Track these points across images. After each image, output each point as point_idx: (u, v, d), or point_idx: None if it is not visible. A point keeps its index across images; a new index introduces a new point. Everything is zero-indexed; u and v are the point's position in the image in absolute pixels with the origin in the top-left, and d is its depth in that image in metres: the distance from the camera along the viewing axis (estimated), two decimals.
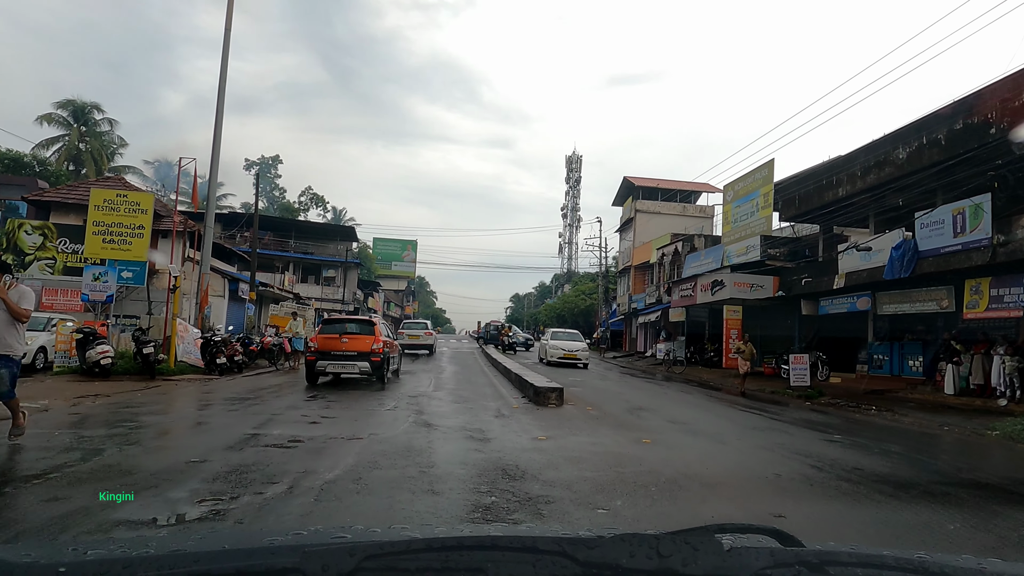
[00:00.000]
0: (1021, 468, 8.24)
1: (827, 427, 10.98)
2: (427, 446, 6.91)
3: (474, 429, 8.22)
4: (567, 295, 65.38)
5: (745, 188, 25.79)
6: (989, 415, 12.94)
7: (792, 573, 0.97)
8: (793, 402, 16.28)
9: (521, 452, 6.74)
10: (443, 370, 19.78)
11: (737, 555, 0.99)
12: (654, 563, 0.95)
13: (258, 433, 7.36)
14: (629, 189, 47.25)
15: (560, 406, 11.26)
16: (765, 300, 23.55)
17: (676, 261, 33.77)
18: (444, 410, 10.27)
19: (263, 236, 49.61)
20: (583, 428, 8.88)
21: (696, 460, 7.05)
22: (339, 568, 0.90)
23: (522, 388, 13.45)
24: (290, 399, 11.12)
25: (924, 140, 16.68)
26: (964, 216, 14.97)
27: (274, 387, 13.29)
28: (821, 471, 6.60)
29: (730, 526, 1.07)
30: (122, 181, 24.37)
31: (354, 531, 1.21)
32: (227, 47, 18.55)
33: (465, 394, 12.91)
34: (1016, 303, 13.42)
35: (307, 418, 8.73)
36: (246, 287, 25.48)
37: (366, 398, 11.46)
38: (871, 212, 20.08)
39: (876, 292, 18.11)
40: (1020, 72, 14.08)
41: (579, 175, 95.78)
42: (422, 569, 0.94)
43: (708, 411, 12.96)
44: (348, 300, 50.02)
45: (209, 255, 19.10)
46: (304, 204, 67.67)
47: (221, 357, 16.35)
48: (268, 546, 1.07)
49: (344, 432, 7.59)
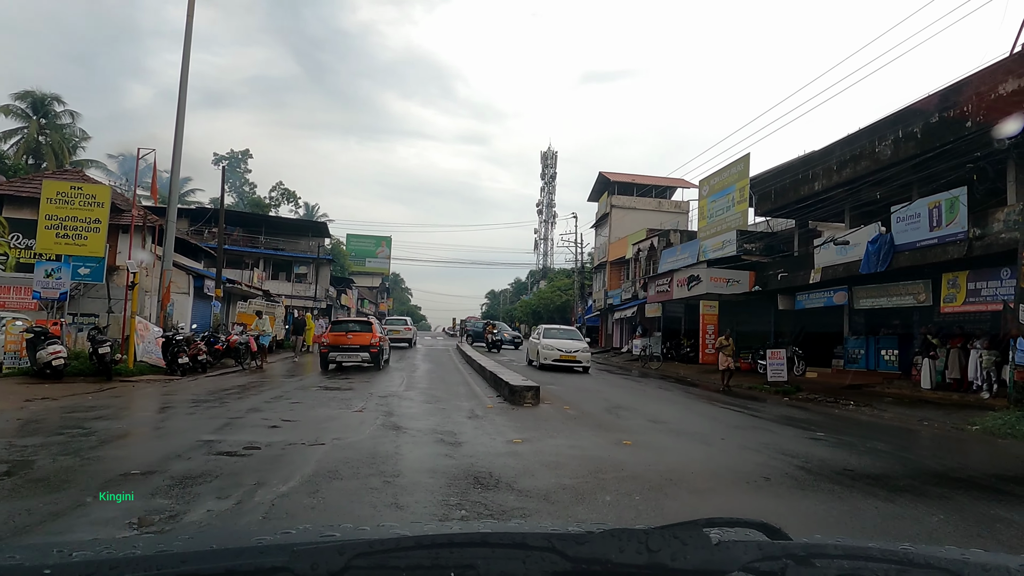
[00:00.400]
0: (1007, 465, 8.04)
1: (809, 424, 10.75)
2: (394, 452, 6.45)
3: (445, 432, 7.76)
4: (543, 291, 65.09)
5: (721, 183, 25.67)
6: (967, 409, 12.87)
7: (780, 566, 0.98)
8: (771, 398, 16.11)
9: (495, 457, 6.31)
10: (416, 368, 19.28)
11: (725, 548, 1.00)
12: (643, 558, 0.95)
13: (212, 439, 6.83)
14: (604, 184, 47.05)
15: (536, 405, 10.87)
16: (741, 295, 23.45)
17: (652, 256, 33.62)
18: (415, 411, 9.80)
19: (232, 232, 48.48)
20: (560, 429, 8.48)
21: (680, 464, 6.69)
22: (329, 567, 0.89)
23: (497, 387, 13.03)
24: (253, 401, 10.56)
25: (900, 134, 16.59)
26: (940, 210, 14.91)
27: (237, 388, 12.69)
28: (811, 473, 6.29)
29: (718, 520, 1.07)
30: (80, 174, 23.37)
31: (343, 529, 1.19)
32: (189, 37, 17.82)
33: (438, 393, 12.45)
34: (994, 297, 13.35)
35: (268, 422, 8.21)
36: (212, 284, 24.64)
37: (334, 400, 10.94)
38: (847, 206, 20.02)
39: (853, 286, 18.04)
40: (995, 65, 14.02)
41: (554, 171, 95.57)
42: (412, 567, 0.94)
43: (688, 409, 12.67)
44: (320, 297, 49.11)
45: (171, 250, 18.33)
46: (275, 200, 66.31)
47: (183, 357, 15.64)
48: (257, 545, 1.05)
49: (306, 437, 7.09)
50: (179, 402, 10.62)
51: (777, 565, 0.98)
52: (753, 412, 12.34)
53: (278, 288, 45.23)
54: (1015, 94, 13.40)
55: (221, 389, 12.43)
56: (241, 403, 10.24)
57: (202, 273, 25.92)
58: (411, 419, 8.84)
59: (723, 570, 0.96)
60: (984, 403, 13.38)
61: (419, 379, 15.59)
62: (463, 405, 10.69)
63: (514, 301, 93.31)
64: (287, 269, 49.73)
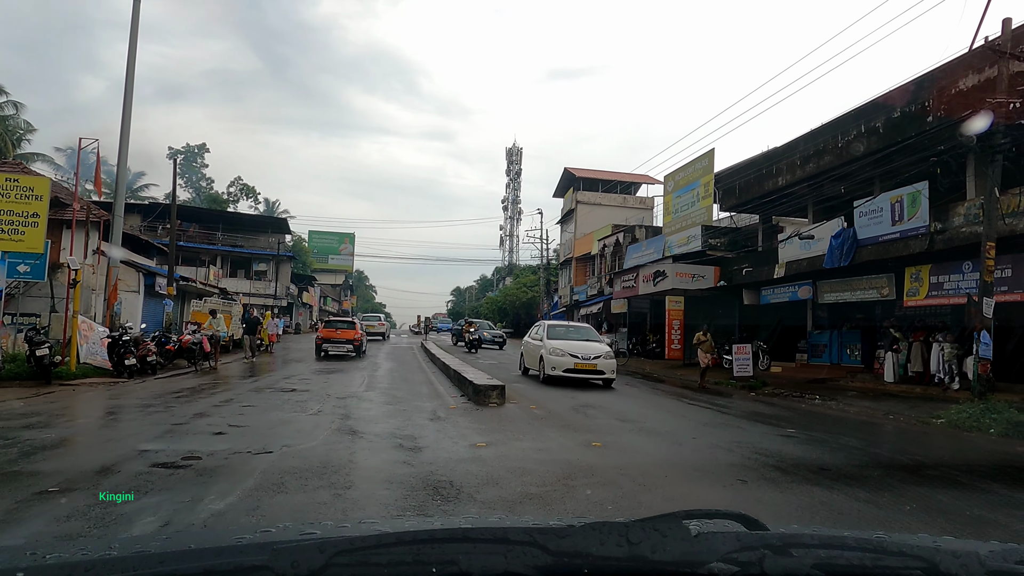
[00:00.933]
0: (979, 460, 7.94)
1: (778, 420, 10.59)
2: (348, 460, 5.98)
3: (405, 436, 7.31)
4: (509, 288, 64.77)
5: (686, 178, 25.63)
6: (931, 402, 12.92)
7: (758, 556, 0.99)
8: (738, 393, 16.04)
9: (457, 464, 5.90)
10: (379, 367, 18.72)
11: (704, 540, 1.01)
12: (624, 550, 0.96)
13: (149, 449, 6.27)
14: (570, 180, 46.89)
15: (501, 405, 10.48)
16: (707, 290, 23.44)
17: (618, 252, 33.52)
18: (373, 413, 9.31)
19: (188, 228, 47.00)
20: (527, 431, 8.10)
21: (653, 466, 6.36)
22: (309, 565, 0.89)
23: (461, 386, 12.61)
24: (201, 404, 9.93)
25: (863, 129, 16.66)
26: (902, 204, 14.98)
27: (187, 391, 12.01)
28: (787, 473, 6.03)
29: (697, 512, 1.08)
30: (20, 167, 22.11)
31: (324, 527, 1.16)
32: (136, 23, 16.98)
33: (399, 393, 11.96)
34: (956, 290, 13.44)
35: (214, 428, 7.64)
36: (164, 282, 23.63)
37: (288, 403, 10.37)
38: (810, 201, 20.10)
39: (817, 281, 18.09)
40: (955, 61, 14.11)
41: (519, 167, 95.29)
42: (394, 563, 0.93)
43: (656, 406, 12.43)
44: (280, 295, 47.92)
45: (119, 246, 17.40)
46: (234, 195, 64.42)
47: (131, 358, 14.82)
48: (236, 544, 1.03)
49: (253, 444, 6.57)
50: (120, 407, 9.94)
51: (755, 555, 0.99)
52: (721, 408, 12.17)
53: (236, 286, 43.99)
54: (975, 89, 13.51)
55: (169, 392, 11.74)
56: (188, 407, 9.61)
57: (154, 271, 24.85)
58: (369, 422, 8.36)
59: (702, 561, 0.97)
60: (947, 396, 13.47)
61: (381, 378, 15.06)
62: (425, 406, 10.24)
63: (480, 298, 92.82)
64: (246, 266, 48.43)
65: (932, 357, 14.85)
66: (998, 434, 9.52)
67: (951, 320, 15.20)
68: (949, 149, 13.14)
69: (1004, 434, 9.47)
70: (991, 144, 11.11)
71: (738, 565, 0.98)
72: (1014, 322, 12.42)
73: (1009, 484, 6.37)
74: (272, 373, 16.47)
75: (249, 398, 10.82)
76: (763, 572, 0.98)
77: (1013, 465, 7.53)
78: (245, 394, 11.45)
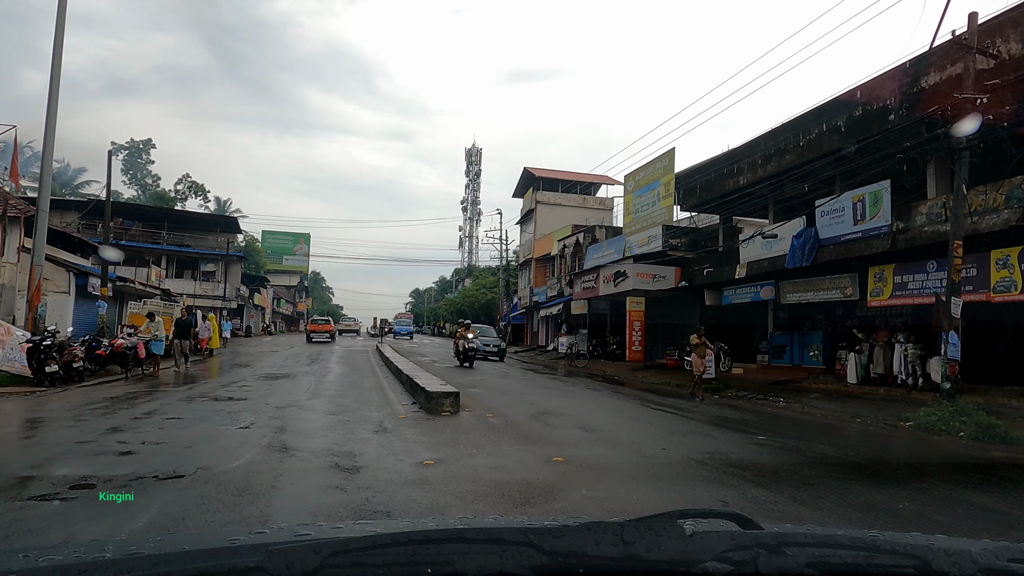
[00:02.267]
0: (957, 469, 7.53)
1: (747, 426, 10.10)
2: (271, 486, 5.14)
3: (343, 453, 6.47)
4: (468, 289, 63.92)
5: (646, 178, 25.29)
6: (896, 404, 12.68)
7: (752, 555, 0.99)
8: (701, 395, 15.61)
9: (398, 488, 5.12)
10: (328, 372, 17.72)
11: (699, 539, 1.01)
12: (619, 550, 0.97)
13: (35, 474, 5.33)
14: (530, 180, 46.34)
15: (455, 414, 9.72)
16: (668, 291, 23.09)
17: (578, 253, 33.05)
18: (313, 425, 8.43)
19: (130, 227, 44.79)
20: (482, 444, 7.35)
21: (622, 485, 5.68)
22: (304, 566, 0.88)
23: (414, 393, 11.79)
24: (120, 417, 8.89)
25: (824, 127, 16.46)
26: (864, 203, 14.78)
27: (109, 401, 10.88)
28: (769, 490, 5.45)
29: (691, 511, 1.08)
30: None
31: (318, 528, 1.16)
32: (64, 5, 15.74)
33: (346, 402, 11.06)
34: (920, 290, 13.24)
35: (125, 446, 6.69)
36: (98, 282, 22.08)
37: (220, 413, 9.39)
38: (771, 201, 19.91)
39: (780, 281, 17.83)
40: (916, 59, 13.95)
41: (479, 168, 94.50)
42: (388, 563, 0.93)
43: (620, 412, 11.84)
44: (230, 296, 46.07)
45: (43, 243, 16.01)
46: (182, 193, 61.89)
47: (52, 364, 13.54)
48: (231, 546, 1.02)
49: (163, 466, 5.67)
50: (25, 421, 8.84)
51: (749, 554, 0.99)
52: (687, 413, 11.65)
53: (182, 287, 42.10)
54: (936, 87, 13.35)
55: (89, 403, 10.62)
56: (104, 420, 8.57)
57: (86, 270, 23.26)
58: (305, 436, 7.49)
59: (697, 560, 0.97)
60: (911, 397, 13.26)
61: (328, 385, 14.11)
62: (372, 416, 9.39)
63: (439, 300, 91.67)
64: (193, 266, 46.43)
65: (895, 358, 14.66)
66: (969, 438, 9.19)
67: (913, 320, 15.05)
68: (915, 146, 12.94)
69: (975, 438, 9.15)
70: (959, 140, 10.85)
71: (732, 564, 0.97)
72: (979, 322, 12.23)
73: (1000, 497, 5.92)
74: (210, 380, 15.35)
75: (177, 409, 9.79)
76: (757, 571, 0.98)
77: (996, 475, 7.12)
78: (174, 404, 10.40)
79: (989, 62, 11.64)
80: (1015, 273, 11.41)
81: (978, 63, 11.34)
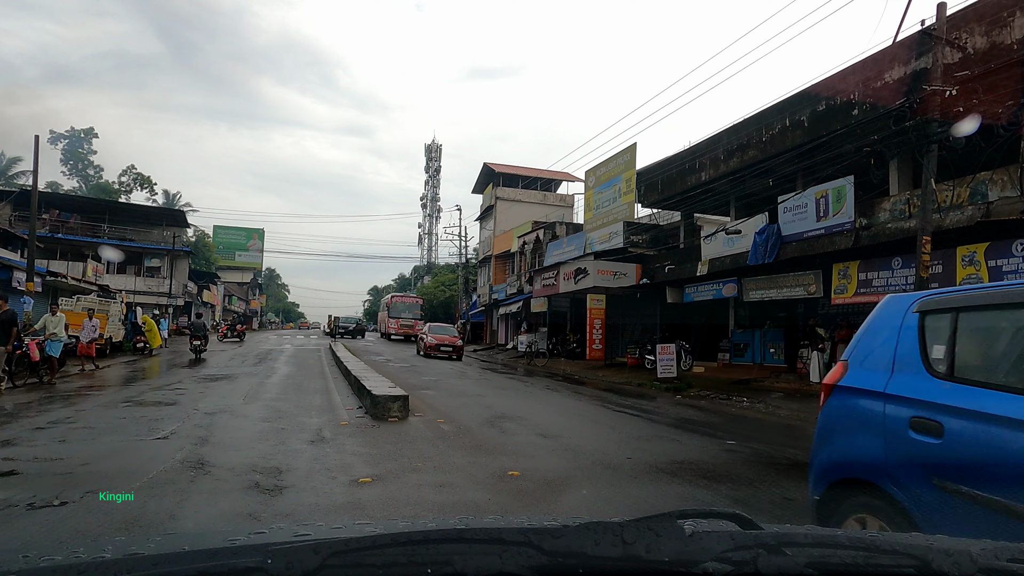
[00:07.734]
0: None
1: (713, 428, 9.60)
2: (170, 514, 4.31)
3: (267, 469, 5.65)
4: (427, 287, 62.82)
5: (607, 173, 24.84)
6: None
7: (752, 555, 0.98)
8: (662, 395, 15.17)
9: (324, 515, 4.36)
10: (274, 372, 16.69)
11: (699, 539, 1.00)
12: (619, 550, 0.96)
13: None
14: (489, 176, 45.61)
15: (404, 419, 8.94)
16: (629, 288, 22.67)
17: (538, 250, 32.47)
18: (242, 435, 7.55)
19: (68, 219, 42.48)
20: (429, 456, 6.59)
21: (586, 507, 4.98)
22: (304, 566, 0.88)
23: (360, 396, 10.97)
24: (18, 427, 7.82)
25: (787, 122, 16.17)
26: (827, 199, 14.52)
27: (12, 408, 9.76)
28: (749, 506, 4.87)
29: (691, 511, 1.08)
30: None
31: (317, 528, 1.11)
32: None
33: (285, 406, 10.15)
34: (885, 287, 12.99)
35: (9, 463, 5.73)
36: (24, 276, 20.50)
37: (139, 421, 8.41)
38: (733, 197, 19.63)
39: (743, 278, 17.51)
40: (879, 53, 13.75)
41: (439, 164, 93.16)
42: (388, 564, 0.92)
43: (581, 415, 11.23)
44: (177, 293, 44.09)
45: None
46: (126, 185, 59.20)
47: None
48: (230, 546, 0.98)
49: (47, 490, 4.77)
50: None
51: (749, 554, 0.98)
52: (649, 415, 11.11)
53: (125, 283, 40.12)
54: (900, 81, 13.14)
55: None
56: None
57: (10, 263, 21.65)
58: (229, 448, 6.63)
59: (697, 560, 0.96)
60: None
61: (270, 387, 13.13)
62: (311, 423, 8.54)
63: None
64: (137, 261, 44.28)
65: None
66: None
67: None
68: (880, 140, 12.68)
69: None
70: (927, 134, 10.57)
71: (732, 564, 0.97)
72: None
73: None
74: (140, 382, 14.21)
75: (90, 417, 8.76)
76: (757, 571, 0.97)
77: None
78: (90, 411, 9.35)
79: (955, 55, 11.43)
80: (981, 269, 11.21)
81: (945, 57, 11.09)
